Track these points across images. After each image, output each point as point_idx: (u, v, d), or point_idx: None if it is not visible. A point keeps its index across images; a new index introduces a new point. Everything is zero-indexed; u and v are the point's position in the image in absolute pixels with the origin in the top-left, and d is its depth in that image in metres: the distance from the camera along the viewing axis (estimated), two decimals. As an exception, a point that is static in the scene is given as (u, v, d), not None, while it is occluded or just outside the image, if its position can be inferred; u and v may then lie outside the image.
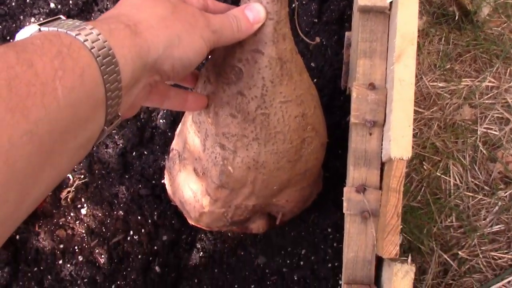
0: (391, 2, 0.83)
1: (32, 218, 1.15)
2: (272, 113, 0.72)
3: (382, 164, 0.82)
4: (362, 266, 0.81)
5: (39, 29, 0.45)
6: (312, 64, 1.08)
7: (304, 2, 1.06)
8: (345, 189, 0.82)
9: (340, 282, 1.00)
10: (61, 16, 0.44)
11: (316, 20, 1.06)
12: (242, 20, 0.60)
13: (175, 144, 0.92)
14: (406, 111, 0.73)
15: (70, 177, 1.15)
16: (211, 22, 0.55)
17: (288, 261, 1.05)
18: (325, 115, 0.98)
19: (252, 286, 1.07)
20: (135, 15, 0.49)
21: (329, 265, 1.01)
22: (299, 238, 1.05)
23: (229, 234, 1.07)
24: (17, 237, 1.15)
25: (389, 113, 0.77)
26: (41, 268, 1.13)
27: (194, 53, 0.53)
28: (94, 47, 0.42)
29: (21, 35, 0.40)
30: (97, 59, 0.42)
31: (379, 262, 0.82)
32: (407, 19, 0.76)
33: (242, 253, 1.08)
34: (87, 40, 0.42)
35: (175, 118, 1.11)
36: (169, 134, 1.11)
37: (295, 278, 1.04)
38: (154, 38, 0.48)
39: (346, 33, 1.01)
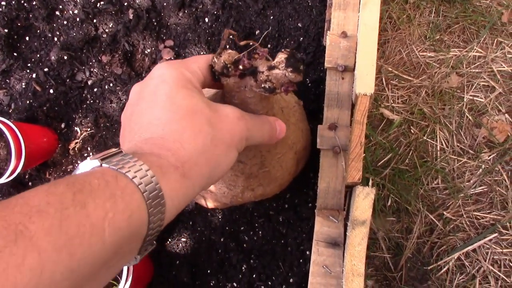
0: (363, -41, 0.91)
1: (43, 166, 1.25)
2: (272, 167, 0.84)
3: (353, 106, 0.91)
4: (333, 195, 0.90)
5: (101, 164, 0.46)
6: (299, 25, 1.17)
7: (291, -34, 1.15)
8: (319, 127, 0.91)
9: (319, 221, 1.09)
10: (122, 150, 0.50)
11: (302, -17, 1.16)
12: (272, 131, 0.66)
13: None
14: (369, 52, 0.82)
15: (78, 130, 1.25)
16: (248, 128, 0.59)
17: (274, 205, 1.15)
18: (310, 72, 1.07)
19: (242, 228, 1.16)
20: (180, 150, 0.51)
21: (310, 205, 1.10)
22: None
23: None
24: (29, 183, 1.26)
25: (357, 57, 0.86)
26: (51, 211, 1.23)
27: (228, 166, 0.57)
28: (147, 191, 0.45)
29: (83, 167, 0.43)
30: (147, 202, 0.44)
31: (351, 192, 0.91)
32: (374, -29, 0.84)
33: (232, 198, 1.18)
34: (141, 183, 0.45)
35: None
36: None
37: (280, 220, 1.13)
38: (198, 176, 0.51)
39: (329, -6, 1.09)
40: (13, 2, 1.27)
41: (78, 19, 1.25)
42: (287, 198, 1.14)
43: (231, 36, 0.67)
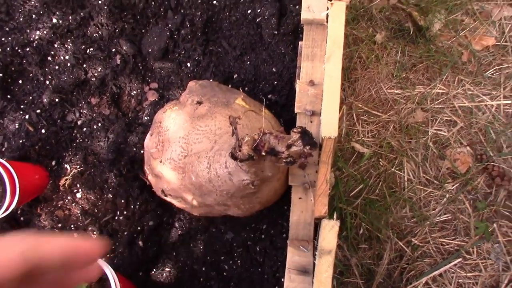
0: (327, 16, 1.03)
1: (35, 202, 1.33)
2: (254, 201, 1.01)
3: (321, 146, 1.01)
4: (303, 227, 1.00)
5: None
6: (274, 70, 1.28)
7: (266, 16, 1.26)
8: (290, 167, 1.01)
9: (294, 250, 1.18)
10: None
11: (276, 32, 1.27)
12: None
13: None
14: (333, 100, 0.93)
15: (68, 167, 1.34)
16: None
17: (252, 235, 1.24)
18: (283, 112, 1.18)
19: (222, 258, 1.25)
20: None
21: (284, 235, 1.20)
22: (261, 216, 1.23)
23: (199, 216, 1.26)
24: (21, 218, 1.33)
25: (323, 104, 0.97)
26: (42, 244, 1.31)
27: None
28: None
29: None
30: None
31: (319, 225, 1.01)
32: (336, 28, 0.95)
33: (213, 230, 1.27)
34: None
35: (157, 115, 1.31)
36: (149, 128, 1.31)
37: (258, 249, 1.23)
38: None
39: (300, 43, 1.21)
40: (8, 49, 1.36)
41: (69, 64, 1.34)
42: (264, 229, 1.23)
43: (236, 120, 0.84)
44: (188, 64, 1.33)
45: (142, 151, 1.29)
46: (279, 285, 1.18)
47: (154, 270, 1.27)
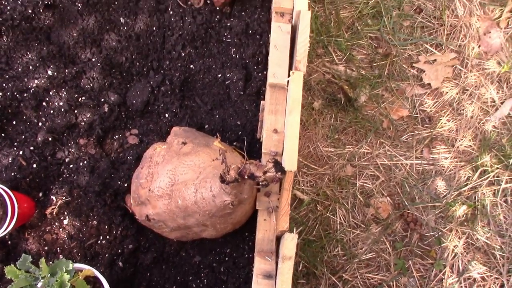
0: (287, 81, 1.35)
1: (21, 228, 1.50)
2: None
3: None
4: (267, 242, 1.26)
5: None
6: (238, 122, 1.57)
7: (234, 80, 1.57)
8: (257, 194, 1.28)
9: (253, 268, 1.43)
10: None
11: (242, 93, 1.58)
12: None
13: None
14: (294, 143, 1.22)
15: (54, 198, 1.53)
16: None
17: (217, 258, 1.48)
18: (248, 156, 1.46)
19: (190, 278, 1.47)
20: None
21: (246, 256, 1.45)
22: (225, 241, 1.48)
23: (175, 240, 1.48)
24: (9, 242, 1.49)
25: (285, 145, 1.26)
26: (27, 265, 1.47)
27: None
28: None
29: None
30: None
31: (278, 240, 1.28)
32: (295, 90, 1.27)
33: (183, 254, 1.49)
34: None
35: (139, 155, 1.55)
36: (133, 165, 1.54)
37: (222, 270, 1.46)
38: None
39: (262, 102, 1.52)
40: (8, 94, 1.57)
41: (62, 110, 1.57)
42: (227, 252, 1.48)
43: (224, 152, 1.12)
44: (166, 115, 1.60)
45: (125, 185, 1.52)
46: (241, 298, 1.42)
47: (130, 288, 1.46)
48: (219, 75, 1.61)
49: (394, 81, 2.16)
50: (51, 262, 1.46)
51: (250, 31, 1.61)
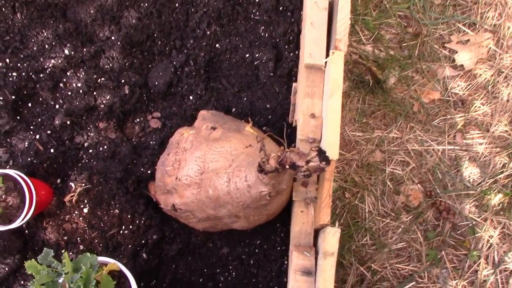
0: (325, 62, 1.25)
1: (39, 216, 1.42)
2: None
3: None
4: (305, 236, 1.17)
5: None
6: (268, 106, 1.48)
7: (264, 60, 1.47)
8: (294, 184, 1.19)
9: (285, 262, 1.35)
10: None
11: (272, 74, 1.48)
12: None
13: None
14: (335, 129, 1.13)
15: (72, 185, 1.44)
16: None
17: (246, 250, 1.39)
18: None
19: (218, 270, 1.39)
20: None
21: (278, 248, 1.36)
22: (255, 232, 1.39)
23: (201, 230, 1.40)
24: (26, 231, 1.41)
25: (324, 132, 1.17)
26: (46, 256, 1.39)
27: None
28: None
29: None
30: None
31: (315, 235, 1.19)
32: (336, 72, 1.17)
33: (210, 245, 1.41)
34: None
35: (162, 140, 1.46)
36: (156, 151, 1.45)
37: (252, 262, 1.38)
38: None
39: (294, 84, 1.42)
40: (23, 74, 1.47)
41: (81, 91, 1.47)
42: (257, 244, 1.39)
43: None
44: (191, 97, 1.50)
45: (149, 171, 1.43)
46: (273, 293, 1.34)
47: (155, 281, 1.38)
48: (247, 55, 1.51)
49: (424, 62, 2.05)
50: (71, 253, 1.38)
51: (281, 8, 1.50)
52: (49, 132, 1.46)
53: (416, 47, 2.04)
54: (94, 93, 1.49)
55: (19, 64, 1.49)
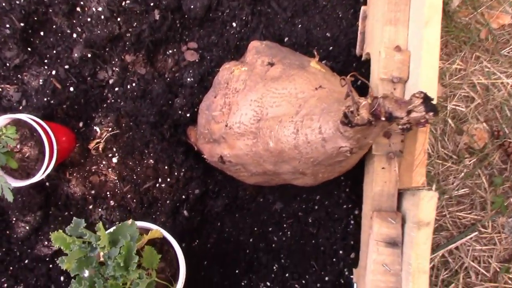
0: (414, -21, 0.98)
1: (61, 166, 1.22)
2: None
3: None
4: (387, 198, 0.96)
5: None
6: (328, 34, 1.22)
7: (324, -21, 1.20)
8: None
9: (351, 222, 1.16)
10: None
11: (334, -5, 1.21)
12: None
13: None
14: (432, 65, 0.89)
15: (98, 129, 1.23)
16: None
17: (303, 206, 1.19)
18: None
19: (270, 229, 1.20)
20: None
21: (344, 206, 1.16)
22: (314, 186, 1.19)
23: (251, 184, 1.19)
24: (47, 183, 1.22)
25: (414, 70, 0.93)
26: (71, 212, 1.20)
27: None
28: None
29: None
30: None
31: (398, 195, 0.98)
32: (434, -8, 0.91)
33: (261, 200, 1.21)
34: None
35: (202, 76, 1.22)
36: (195, 90, 1.22)
37: (310, 221, 1.19)
38: None
39: (362, 7, 1.16)
40: (32, -5, 1.22)
41: (102, 17, 1.22)
42: (317, 199, 1.19)
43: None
44: (234, 24, 1.25)
45: (188, 115, 1.20)
46: (338, 258, 1.15)
47: (198, 240, 1.20)
48: (302, -29, 1.23)
49: (495, -20, 1.76)
50: (99, 209, 1.19)
51: None
52: (67, 67, 1.22)
53: (486, -39, 1.74)
54: (118, 19, 1.23)
55: (26, -16, 1.23)
